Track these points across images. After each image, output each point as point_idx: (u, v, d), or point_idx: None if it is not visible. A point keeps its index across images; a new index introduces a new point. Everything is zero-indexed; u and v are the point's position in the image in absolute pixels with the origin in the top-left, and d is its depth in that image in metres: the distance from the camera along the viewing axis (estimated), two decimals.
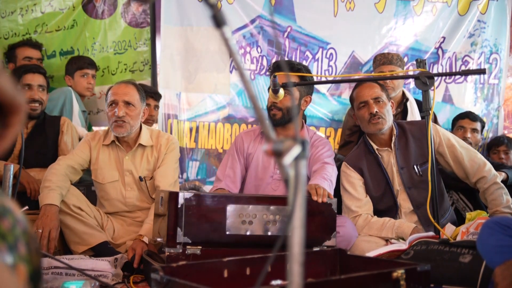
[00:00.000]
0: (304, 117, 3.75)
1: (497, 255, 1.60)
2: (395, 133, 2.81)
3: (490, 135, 4.32)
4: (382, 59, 3.63)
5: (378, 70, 3.60)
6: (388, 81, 3.33)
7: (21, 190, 2.86)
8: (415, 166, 2.77)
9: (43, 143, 3.09)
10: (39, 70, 3.12)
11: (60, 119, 3.19)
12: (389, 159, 2.82)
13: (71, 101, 3.44)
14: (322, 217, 2.32)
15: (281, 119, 2.76)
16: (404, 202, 2.77)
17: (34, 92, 3.04)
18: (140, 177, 2.75)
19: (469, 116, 3.82)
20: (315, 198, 2.29)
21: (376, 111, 2.74)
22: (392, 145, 2.80)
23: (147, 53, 3.96)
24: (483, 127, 3.89)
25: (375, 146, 2.83)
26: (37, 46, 3.63)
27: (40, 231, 2.37)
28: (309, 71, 2.94)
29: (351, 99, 2.95)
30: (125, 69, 3.95)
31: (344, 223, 2.60)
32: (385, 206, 2.78)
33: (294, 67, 2.82)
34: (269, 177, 2.82)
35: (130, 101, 2.70)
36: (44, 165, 2.82)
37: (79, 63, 3.61)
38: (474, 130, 3.76)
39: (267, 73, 2.97)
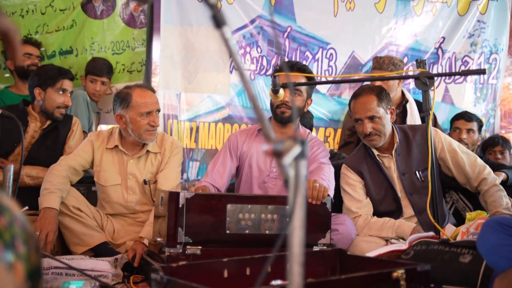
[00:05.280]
0: (312, 118, 3.73)
1: (498, 254, 1.60)
2: (397, 140, 2.78)
3: (487, 134, 4.33)
4: (374, 63, 3.63)
5: (371, 73, 3.61)
6: (380, 83, 3.30)
7: (20, 185, 2.88)
8: (417, 172, 2.76)
9: (55, 141, 3.14)
10: (72, 77, 3.26)
11: (72, 118, 3.24)
12: (390, 164, 2.80)
13: (86, 107, 3.55)
14: (317, 215, 2.33)
15: (290, 117, 2.76)
16: (405, 208, 2.75)
17: (68, 98, 3.15)
18: (144, 181, 2.75)
19: (464, 117, 3.81)
20: (310, 200, 2.33)
21: (370, 131, 2.71)
22: (393, 151, 2.79)
23: (145, 54, 3.98)
24: (481, 126, 3.88)
25: (375, 152, 2.81)
26: (36, 44, 3.69)
27: (38, 233, 2.37)
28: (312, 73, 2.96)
29: (349, 107, 2.92)
30: (123, 70, 3.96)
31: (344, 221, 2.61)
32: (387, 209, 2.77)
33: (306, 70, 2.83)
34: (266, 175, 2.82)
35: (159, 108, 2.78)
36: (53, 162, 2.81)
37: (92, 67, 3.67)
38: (469, 130, 3.76)
39: (270, 73, 2.97)
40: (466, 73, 3.86)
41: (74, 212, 2.57)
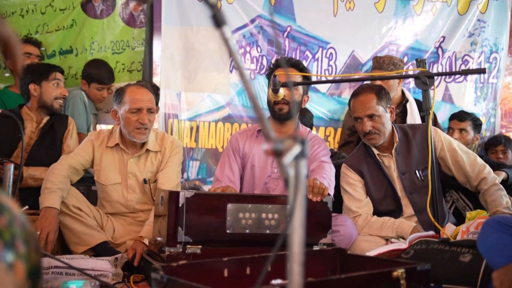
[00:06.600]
0: (312, 117, 3.73)
1: (498, 254, 1.60)
2: (397, 139, 2.78)
3: (488, 134, 4.33)
4: (374, 63, 3.63)
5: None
6: (380, 82, 3.30)
7: (23, 186, 2.88)
8: (416, 171, 2.76)
9: (53, 140, 3.14)
10: (63, 71, 3.32)
11: (68, 118, 3.26)
12: (390, 163, 2.80)
13: (84, 108, 3.56)
14: (318, 215, 2.33)
15: (288, 113, 2.76)
16: (405, 207, 2.75)
17: (63, 89, 3.20)
18: (144, 180, 2.75)
19: (457, 116, 3.82)
20: (310, 196, 2.31)
21: (369, 130, 2.71)
22: (393, 151, 2.79)
23: (145, 53, 3.98)
24: (477, 125, 3.88)
25: (375, 151, 2.81)
26: (36, 44, 3.70)
27: (38, 233, 2.38)
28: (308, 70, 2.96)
29: (349, 106, 2.92)
30: (123, 69, 3.96)
31: (345, 222, 2.61)
32: (387, 208, 2.77)
33: (299, 65, 2.84)
34: (267, 176, 2.81)
35: (153, 108, 2.74)
36: (52, 162, 2.82)
37: (98, 76, 3.67)
38: (462, 130, 3.76)
39: (267, 72, 2.97)
40: (466, 72, 3.85)
41: (74, 212, 2.58)
